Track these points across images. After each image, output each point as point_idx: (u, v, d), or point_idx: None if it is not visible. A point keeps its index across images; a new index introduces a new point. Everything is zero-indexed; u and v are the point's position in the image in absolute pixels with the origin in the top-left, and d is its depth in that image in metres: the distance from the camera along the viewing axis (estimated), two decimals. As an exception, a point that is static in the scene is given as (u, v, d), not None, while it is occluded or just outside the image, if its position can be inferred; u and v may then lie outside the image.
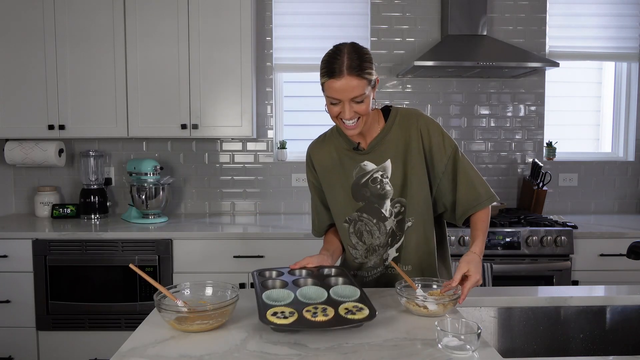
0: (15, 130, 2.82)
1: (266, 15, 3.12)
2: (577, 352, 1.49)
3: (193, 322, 1.20)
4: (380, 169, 1.52)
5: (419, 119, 1.53)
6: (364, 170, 1.53)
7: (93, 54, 2.77)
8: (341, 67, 1.34)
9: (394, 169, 1.52)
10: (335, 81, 1.35)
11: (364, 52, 1.39)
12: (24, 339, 2.57)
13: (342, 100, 1.38)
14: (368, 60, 1.38)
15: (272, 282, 1.39)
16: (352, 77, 1.34)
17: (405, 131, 1.52)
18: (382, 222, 1.54)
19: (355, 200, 1.55)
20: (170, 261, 2.56)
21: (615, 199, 3.27)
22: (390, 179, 1.52)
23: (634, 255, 1.36)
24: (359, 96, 1.37)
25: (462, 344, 1.09)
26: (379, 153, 1.53)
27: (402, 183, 1.52)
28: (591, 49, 3.20)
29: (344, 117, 1.40)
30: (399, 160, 1.51)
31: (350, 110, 1.39)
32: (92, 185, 2.99)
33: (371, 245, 1.57)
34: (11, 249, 2.54)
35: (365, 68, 1.36)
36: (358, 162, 1.54)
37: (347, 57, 1.35)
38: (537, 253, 2.56)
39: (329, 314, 1.17)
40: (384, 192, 1.52)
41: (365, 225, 1.56)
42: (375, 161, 1.53)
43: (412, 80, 3.18)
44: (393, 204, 1.53)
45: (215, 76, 2.79)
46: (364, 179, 1.53)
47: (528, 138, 3.23)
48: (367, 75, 1.36)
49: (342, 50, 1.37)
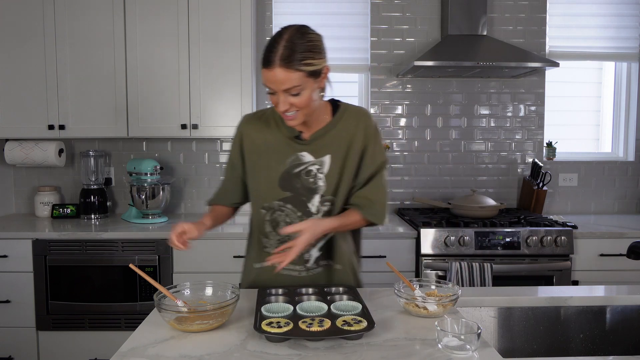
0: (15, 130, 2.82)
1: (266, 16, 3.12)
2: (577, 352, 1.49)
3: (193, 322, 1.20)
4: (317, 163, 1.46)
5: (367, 121, 1.49)
6: (300, 161, 1.46)
7: (93, 54, 2.77)
8: (273, 56, 1.26)
9: (332, 166, 1.46)
10: (266, 71, 1.28)
11: (307, 39, 1.29)
12: (24, 339, 2.57)
13: (277, 91, 1.31)
14: (308, 49, 1.28)
15: (274, 297, 1.36)
16: (282, 69, 1.26)
17: (351, 129, 1.47)
18: (307, 216, 1.47)
19: (281, 188, 1.47)
20: (170, 261, 2.56)
21: (615, 199, 3.27)
22: (325, 175, 1.46)
23: (634, 255, 1.36)
24: (292, 88, 1.29)
25: (462, 344, 1.09)
26: (320, 146, 1.46)
27: (336, 181, 1.47)
28: (591, 49, 3.21)
29: (279, 109, 1.34)
30: (339, 157, 1.46)
31: (284, 102, 1.31)
32: (92, 185, 2.99)
33: (288, 237, 1.47)
34: (11, 249, 2.54)
35: (302, 59, 1.26)
36: (296, 151, 1.46)
37: (283, 46, 1.26)
38: (537, 253, 2.56)
39: (324, 325, 1.15)
40: (315, 187, 1.46)
41: (285, 217, 1.49)
42: (315, 154, 1.46)
43: (412, 80, 3.18)
44: (322, 201, 1.47)
45: (215, 76, 2.79)
46: (297, 169, 1.46)
47: (528, 138, 3.23)
48: (302, 66, 1.27)
49: (282, 35, 1.28)
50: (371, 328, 1.15)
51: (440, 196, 3.22)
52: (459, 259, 2.52)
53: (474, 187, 3.21)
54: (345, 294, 1.38)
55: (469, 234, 2.55)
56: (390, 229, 2.67)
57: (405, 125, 3.20)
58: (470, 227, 2.58)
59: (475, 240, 2.55)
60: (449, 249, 2.55)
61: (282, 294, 1.39)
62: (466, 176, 3.23)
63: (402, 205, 3.23)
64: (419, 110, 3.20)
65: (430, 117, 3.20)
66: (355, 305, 1.29)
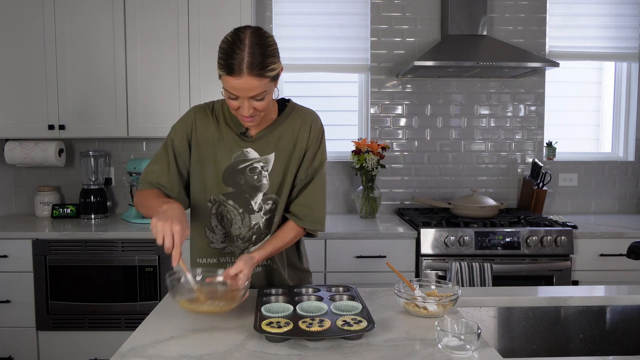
0: (15, 130, 2.82)
1: (266, 16, 3.12)
2: (577, 352, 1.49)
3: (204, 303, 1.21)
4: (262, 160, 1.46)
5: (314, 123, 1.49)
6: (245, 157, 1.46)
7: (93, 54, 2.77)
8: (240, 64, 1.23)
9: (276, 164, 1.46)
10: (232, 79, 1.25)
11: (267, 43, 1.27)
12: (24, 339, 2.57)
13: (241, 97, 1.29)
14: (271, 53, 1.27)
15: (274, 297, 1.37)
16: (252, 77, 1.24)
17: (296, 129, 1.47)
18: (249, 214, 1.48)
19: (224, 184, 1.47)
20: (171, 261, 2.55)
21: (615, 199, 3.27)
22: (269, 173, 1.46)
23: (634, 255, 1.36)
24: (259, 94, 1.29)
25: (462, 344, 1.09)
26: (265, 144, 1.46)
27: (280, 180, 1.47)
28: (591, 49, 3.21)
29: (243, 114, 1.33)
30: (283, 156, 1.47)
31: (249, 108, 1.31)
32: (92, 185, 2.99)
33: (229, 233, 1.50)
34: (11, 249, 2.54)
35: (268, 65, 1.26)
36: (241, 147, 1.46)
37: (248, 53, 1.23)
38: (537, 253, 2.56)
39: (324, 325, 1.15)
40: (259, 185, 1.46)
41: (227, 212, 1.49)
42: (260, 151, 1.46)
43: (412, 80, 3.18)
44: (265, 200, 1.47)
45: (215, 76, 2.77)
46: (242, 165, 1.46)
47: (528, 138, 3.23)
48: (269, 72, 1.26)
49: (243, 40, 1.24)
50: (371, 328, 1.15)
51: (440, 196, 3.22)
52: (459, 259, 2.52)
53: (474, 187, 3.21)
54: (345, 294, 1.39)
55: (469, 234, 2.55)
56: (390, 229, 2.67)
57: (405, 125, 3.20)
58: (470, 227, 2.58)
59: (475, 240, 2.55)
60: (449, 249, 2.55)
61: (282, 294, 1.39)
62: (466, 176, 3.23)
63: (402, 205, 3.24)
64: (419, 110, 3.20)
65: (430, 117, 3.20)
66: (355, 305, 1.29)
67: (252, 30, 1.27)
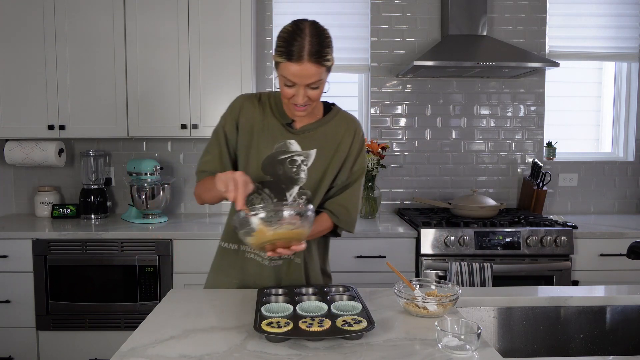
0: (15, 130, 2.82)
1: (266, 16, 3.12)
2: (577, 352, 1.49)
3: (282, 224, 1.22)
4: (303, 155, 1.49)
5: (357, 128, 1.55)
6: (287, 148, 1.48)
7: (93, 54, 2.77)
8: (301, 51, 1.29)
9: (316, 161, 1.49)
10: (293, 65, 1.30)
11: (325, 35, 1.34)
12: (24, 339, 2.57)
13: (298, 84, 1.34)
14: (328, 44, 1.33)
15: (274, 297, 1.37)
16: (312, 64, 1.30)
17: (340, 131, 1.52)
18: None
19: (263, 171, 1.49)
20: (170, 261, 2.56)
21: (615, 199, 3.27)
22: (308, 168, 1.49)
23: (634, 255, 1.36)
24: (315, 82, 1.33)
25: (462, 344, 1.09)
26: (309, 139, 1.49)
27: (318, 178, 1.50)
28: (591, 49, 3.21)
29: (297, 102, 1.37)
30: (324, 155, 1.50)
31: (304, 96, 1.35)
32: (92, 185, 2.99)
33: None
34: (11, 249, 2.54)
35: (326, 54, 1.32)
36: (285, 138, 1.49)
37: (309, 41, 1.29)
38: (537, 253, 2.56)
39: (324, 325, 1.15)
40: (297, 178, 1.49)
41: (261, 201, 1.50)
42: (302, 145, 1.49)
43: (412, 80, 3.18)
44: (300, 194, 1.50)
45: (215, 76, 2.79)
46: (282, 156, 1.48)
47: (528, 138, 3.23)
48: (326, 62, 1.33)
49: (303, 30, 1.31)
50: (371, 328, 1.15)
51: (440, 196, 3.22)
52: (459, 259, 2.52)
53: (474, 187, 3.21)
54: (345, 294, 1.39)
55: (469, 234, 2.55)
56: (390, 229, 2.67)
57: (405, 125, 3.20)
58: (470, 227, 2.58)
59: (475, 240, 2.55)
60: (449, 249, 2.55)
61: (282, 294, 1.39)
62: (466, 176, 3.23)
63: (402, 205, 3.23)
64: (419, 110, 3.20)
65: (430, 117, 3.20)
66: (355, 305, 1.29)
67: (310, 22, 1.34)
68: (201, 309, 1.37)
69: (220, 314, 1.33)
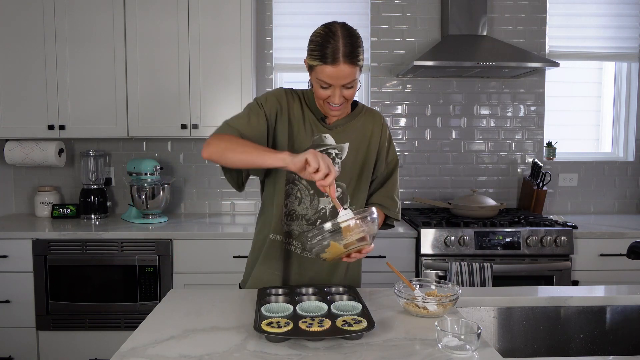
0: (15, 130, 2.82)
1: (266, 15, 3.12)
2: (577, 352, 1.49)
3: (353, 230, 1.24)
4: (337, 148, 1.53)
5: (384, 122, 1.61)
6: (322, 141, 1.52)
7: (93, 54, 2.77)
8: (336, 53, 1.33)
9: (349, 154, 1.54)
10: (329, 67, 1.34)
11: (356, 35, 1.38)
12: (24, 339, 2.57)
13: (333, 85, 1.37)
14: (360, 44, 1.37)
15: (274, 297, 1.37)
16: (347, 65, 1.34)
17: (369, 125, 1.57)
18: (319, 197, 1.52)
19: None
20: (170, 261, 2.56)
21: (615, 199, 3.27)
22: (342, 161, 1.53)
23: (634, 255, 1.36)
24: (350, 82, 1.38)
25: (462, 344, 1.09)
26: (341, 133, 1.54)
27: (358, 171, 1.54)
28: (591, 49, 3.21)
29: (334, 102, 1.41)
30: (357, 148, 1.54)
31: (340, 96, 1.40)
32: (92, 185, 2.99)
33: (295, 212, 1.52)
34: (11, 249, 2.54)
35: (359, 54, 1.36)
36: (321, 131, 1.53)
37: (343, 44, 1.33)
38: (537, 253, 2.56)
39: (324, 325, 1.15)
40: None
41: (298, 191, 1.52)
42: (336, 139, 1.54)
43: (412, 80, 3.18)
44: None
45: (215, 76, 2.79)
46: (319, 149, 1.51)
47: (528, 138, 3.23)
48: (360, 62, 1.37)
49: (335, 33, 1.34)
50: (371, 328, 1.15)
51: (440, 196, 3.22)
52: (459, 259, 2.52)
53: (474, 187, 3.21)
54: (345, 294, 1.38)
55: (469, 234, 2.55)
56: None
57: (405, 125, 3.20)
58: (470, 227, 2.58)
59: (475, 240, 2.55)
60: (449, 249, 2.55)
61: (282, 294, 1.39)
62: (466, 176, 3.23)
63: (402, 205, 3.23)
64: (419, 110, 3.20)
65: (430, 117, 3.20)
66: (355, 305, 1.29)
67: (341, 24, 1.38)
68: (201, 309, 1.37)
69: (220, 314, 1.33)
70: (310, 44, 1.38)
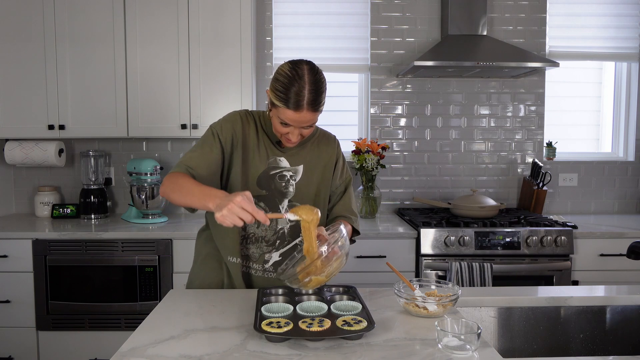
0: (15, 130, 2.82)
1: (266, 15, 3.12)
2: (577, 352, 1.49)
3: (330, 263, 1.26)
4: (292, 170, 1.57)
5: (338, 147, 1.66)
6: (277, 164, 1.56)
7: (93, 54, 2.77)
8: (300, 100, 1.34)
9: (304, 176, 1.58)
10: (293, 112, 1.36)
11: (322, 81, 1.38)
12: (24, 339, 2.57)
13: (293, 126, 1.41)
14: (324, 89, 1.39)
15: (274, 297, 1.37)
16: (310, 112, 1.36)
17: (323, 149, 1.61)
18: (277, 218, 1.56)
19: (259, 186, 1.55)
20: (170, 261, 2.56)
21: (615, 199, 3.27)
22: (297, 183, 1.57)
23: (634, 255, 1.36)
24: (311, 125, 1.42)
25: (462, 344, 1.09)
26: (295, 156, 1.57)
27: (314, 191, 1.59)
28: (591, 49, 3.21)
29: (291, 139, 1.44)
30: (311, 169, 1.59)
31: (298, 135, 1.44)
32: (92, 185, 2.99)
33: (254, 234, 1.55)
34: (11, 249, 2.54)
35: (322, 101, 1.38)
36: (275, 155, 1.56)
37: (309, 91, 1.34)
38: (537, 253, 2.56)
39: (324, 325, 1.16)
40: (286, 191, 1.56)
41: None
42: (290, 162, 1.57)
43: (412, 80, 3.18)
44: (290, 206, 1.56)
45: (215, 76, 2.79)
46: (273, 172, 1.55)
47: (528, 138, 3.23)
48: (322, 107, 1.40)
49: (302, 77, 1.34)
50: (371, 328, 1.15)
51: (440, 196, 3.22)
52: (459, 259, 2.52)
53: (474, 187, 3.21)
54: (345, 294, 1.39)
55: (469, 234, 2.55)
56: (390, 229, 2.67)
57: (405, 125, 3.20)
58: (470, 227, 2.58)
59: (475, 240, 2.55)
60: (449, 249, 2.55)
61: (282, 294, 1.39)
62: (466, 176, 3.23)
63: (402, 205, 3.23)
64: (419, 110, 3.20)
65: (430, 117, 3.20)
66: (355, 305, 1.29)
67: (309, 67, 1.38)
68: (201, 309, 1.37)
69: (220, 314, 1.33)
70: (275, 83, 1.37)
